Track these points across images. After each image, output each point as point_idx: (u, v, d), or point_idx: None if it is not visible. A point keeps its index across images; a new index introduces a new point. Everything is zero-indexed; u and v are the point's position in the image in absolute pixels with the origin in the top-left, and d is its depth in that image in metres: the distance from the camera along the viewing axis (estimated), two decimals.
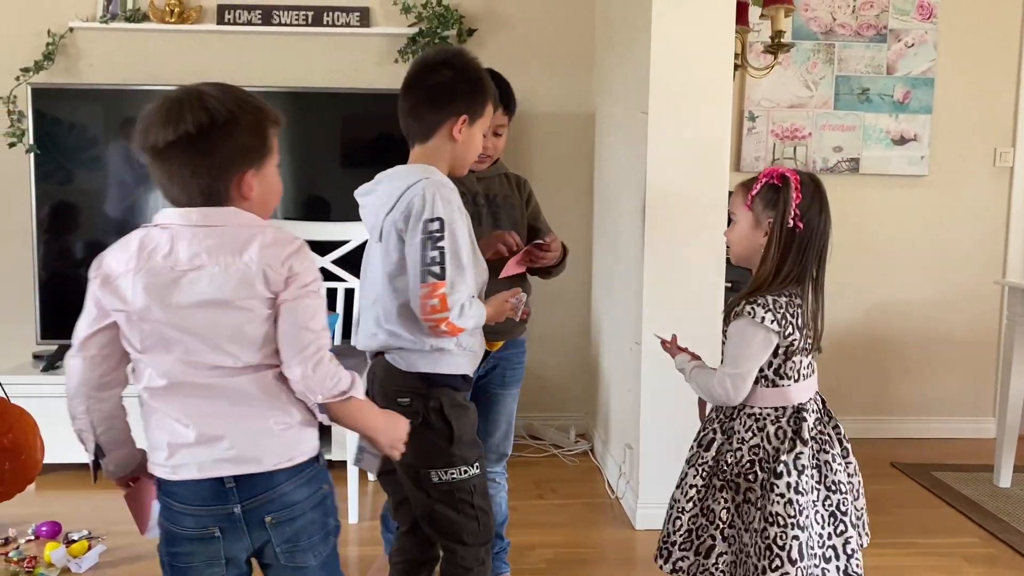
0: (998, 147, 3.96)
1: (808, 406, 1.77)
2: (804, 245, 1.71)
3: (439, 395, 1.75)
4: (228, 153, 1.32)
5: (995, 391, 4.00)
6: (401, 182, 1.70)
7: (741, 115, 3.84)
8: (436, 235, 1.63)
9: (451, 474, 1.76)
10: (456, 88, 1.73)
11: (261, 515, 1.36)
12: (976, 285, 3.98)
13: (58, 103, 3.43)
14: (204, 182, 1.32)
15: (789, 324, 1.71)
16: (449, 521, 1.80)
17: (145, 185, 3.47)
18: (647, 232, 2.78)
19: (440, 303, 1.63)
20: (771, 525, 1.69)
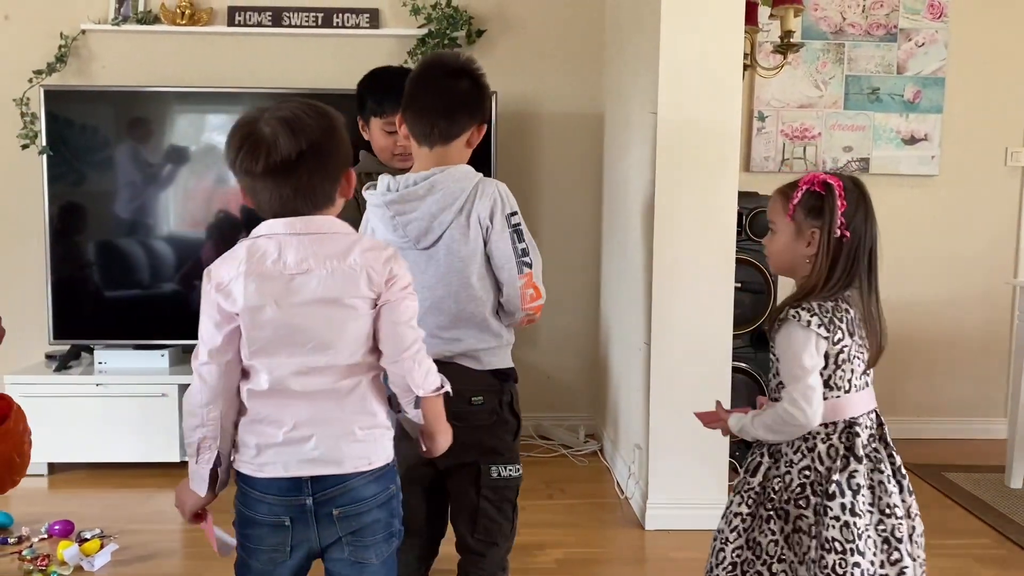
0: (1009, 147, 3.94)
1: (861, 420, 1.65)
2: (852, 253, 1.64)
3: (509, 389, 1.82)
4: (339, 159, 1.43)
5: (1007, 391, 3.98)
6: (464, 181, 1.74)
7: (750, 115, 3.84)
8: (519, 228, 1.73)
9: (509, 470, 1.81)
10: (478, 98, 1.81)
11: (330, 508, 1.42)
12: (987, 285, 3.96)
13: (70, 105, 3.45)
14: (328, 186, 1.43)
15: (838, 329, 1.62)
16: (489, 520, 1.82)
17: (155, 186, 3.49)
18: (656, 232, 2.78)
19: (535, 291, 1.74)
20: (828, 552, 1.57)
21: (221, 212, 3.52)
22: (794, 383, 1.61)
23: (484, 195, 1.72)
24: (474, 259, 1.72)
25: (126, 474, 3.37)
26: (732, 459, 3.09)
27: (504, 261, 1.72)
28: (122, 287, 3.53)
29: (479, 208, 1.71)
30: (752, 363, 3.36)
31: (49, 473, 3.39)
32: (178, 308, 3.49)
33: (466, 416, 1.75)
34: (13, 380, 3.30)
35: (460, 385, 1.72)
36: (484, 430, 1.76)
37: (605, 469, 3.53)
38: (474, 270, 1.73)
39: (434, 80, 1.78)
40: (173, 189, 3.52)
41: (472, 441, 1.76)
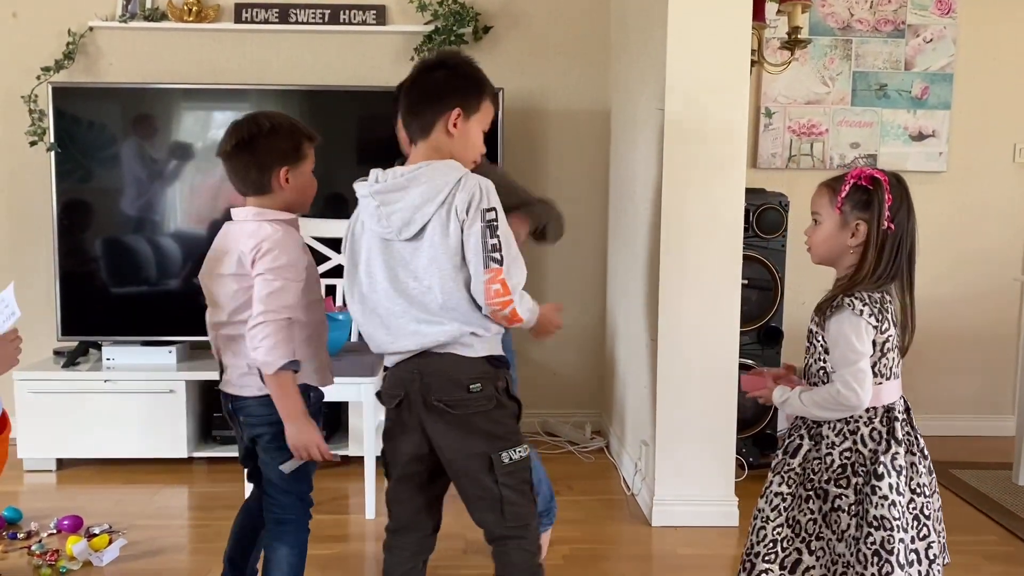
0: (1017, 143, 3.93)
1: (896, 405, 1.76)
2: (896, 245, 1.72)
3: (503, 375, 1.83)
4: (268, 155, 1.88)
5: (1014, 388, 3.97)
6: (448, 175, 1.75)
7: (758, 111, 3.83)
8: (493, 224, 1.73)
9: (519, 452, 1.82)
10: (449, 83, 1.82)
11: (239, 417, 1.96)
12: (995, 282, 3.95)
13: (78, 102, 3.46)
14: (255, 175, 1.89)
15: (885, 320, 1.71)
16: (515, 505, 1.83)
17: (162, 183, 3.50)
18: (663, 228, 2.78)
19: (502, 287, 1.72)
20: (876, 529, 1.66)
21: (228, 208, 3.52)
22: (848, 366, 1.69)
23: (465, 188, 1.73)
24: (456, 251, 1.75)
25: (134, 470, 3.39)
26: (739, 456, 3.09)
27: (472, 254, 1.73)
28: (130, 284, 3.54)
29: (458, 200, 1.73)
30: (759, 359, 3.36)
31: (57, 469, 3.40)
32: (186, 304, 3.50)
33: (464, 403, 1.78)
34: (21, 376, 3.31)
35: (458, 374, 1.79)
36: (484, 417, 1.78)
37: (611, 466, 3.53)
38: (457, 261, 1.75)
39: (411, 80, 1.86)
40: (180, 185, 3.53)
41: (475, 430, 1.79)
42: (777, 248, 3.36)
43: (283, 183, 1.89)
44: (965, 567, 2.58)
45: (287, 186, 1.90)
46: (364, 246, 1.84)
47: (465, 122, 1.82)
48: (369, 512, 2.94)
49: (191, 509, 3.07)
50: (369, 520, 2.92)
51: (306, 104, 3.56)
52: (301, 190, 1.94)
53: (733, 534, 2.83)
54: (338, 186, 3.56)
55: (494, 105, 1.90)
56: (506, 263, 1.73)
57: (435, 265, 1.75)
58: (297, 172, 1.91)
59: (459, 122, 1.80)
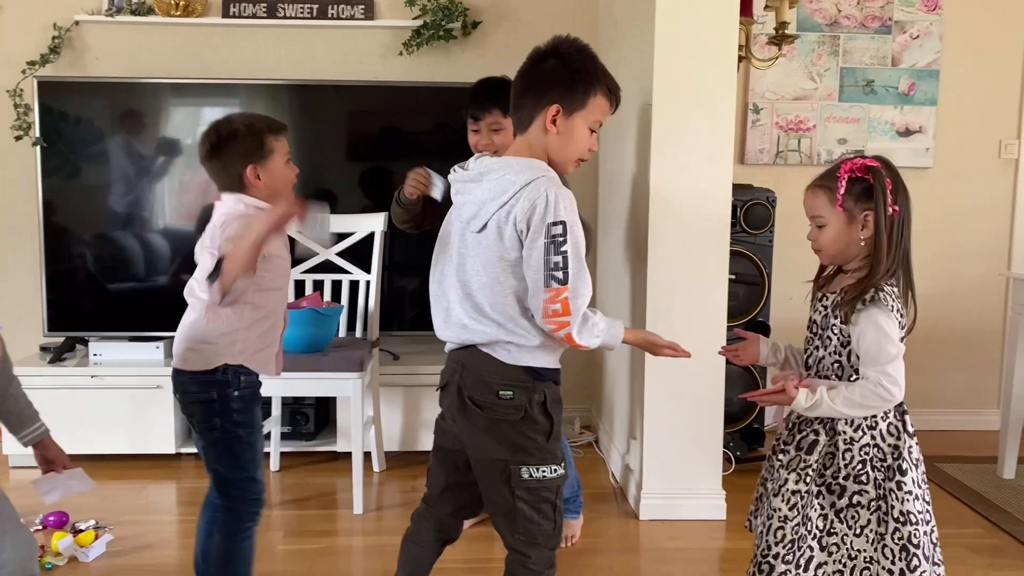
0: (1003, 139, 3.96)
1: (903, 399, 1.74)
2: (902, 226, 1.69)
3: (544, 389, 1.74)
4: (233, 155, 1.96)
5: (999, 383, 4.00)
6: (516, 177, 1.67)
7: (745, 107, 3.84)
8: (559, 239, 1.62)
9: (542, 471, 1.73)
10: (555, 77, 1.70)
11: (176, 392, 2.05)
12: (981, 277, 3.98)
13: (64, 96, 3.44)
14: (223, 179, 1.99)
15: (906, 315, 1.72)
16: (528, 521, 1.76)
17: (149, 178, 3.48)
18: (651, 224, 2.79)
19: (563, 308, 1.64)
20: (903, 524, 1.65)
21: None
22: (889, 361, 1.65)
23: (528, 196, 1.64)
24: (508, 256, 1.68)
25: (121, 465, 3.37)
26: (726, 450, 3.10)
27: (533, 270, 1.65)
28: (117, 279, 3.52)
29: (518, 208, 1.64)
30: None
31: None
32: (173, 300, 3.47)
33: (492, 407, 1.73)
34: None
35: (491, 376, 1.73)
36: (511, 426, 1.72)
37: (600, 460, 3.54)
38: (506, 267, 1.69)
39: (522, 69, 1.76)
40: (168, 181, 3.51)
41: (500, 436, 1.74)
42: (764, 243, 3.37)
43: (254, 180, 1.97)
44: (951, 560, 2.59)
45: (259, 182, 1.97)
46: (454, 230, 1.80)
47: (567, 119, 1.70)
48: (357, 507, 2.94)
49: (179, 504, 3.07)
50: (357, 515, 2.92)
51: (295, 99, 3.55)
52: (274, 182, 1.99)
53: (721, 527, 2.84)
54: (326, 181, 3.55)
55: (609, 101, 1.75)
56: (572, 282, 1.63)
57: (488, 265, 1.71)
58: (266, 167, 1.97)
59: (559, 119, 1.69)
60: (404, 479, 3.30)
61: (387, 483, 3.26)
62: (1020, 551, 2.68)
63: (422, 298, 2.49)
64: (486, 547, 2.66)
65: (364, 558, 2.62)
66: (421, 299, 3.72)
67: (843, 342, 1.72)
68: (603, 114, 1.75)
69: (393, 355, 3.56)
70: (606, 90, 1.74)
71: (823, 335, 1.76)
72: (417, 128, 3.54)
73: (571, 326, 1.65)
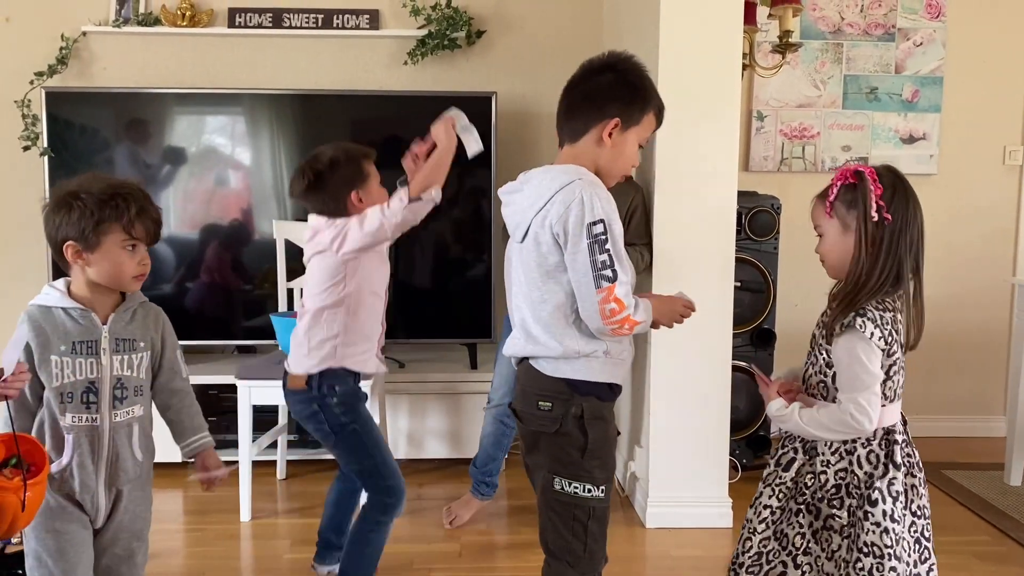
0: (1007, 145, 3.96)
1: (896, 427, 1.67)
2: (895, 237, 1.60)
3: (582, 402, 1.70)
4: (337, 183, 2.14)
5: (1005, 390, 3.99)
6: (552, 182, 1.67)
7: (749, 115, 3.85)
8: (602, 238, 1.61)
9: (574, 487, 1.70)
10: (614, 91, 1.72)
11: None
12: (986, 284, 3.98)
13: (71, 107, 3.46)
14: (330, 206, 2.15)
15: (896, 342, 1.62)
16: (557, 534, 1.74)
17: (155, 187, 3.50)
18: (656, 231, 2.80)
19: (618, 305, 1.62)
20: (865, 556, 1.60)
21: (222, 215, 3.53)
22: (861, 390, 1.59)
23: (562, 200, 1.63)
24: (545, 263, 1.68)
25: None
26: (732, 457, 3.10)
27: (580, 276, 1.63)
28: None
29: (552, 212, 1.64)
30: (752, 362, 3.37)
31: None
32: (179, 309, 3.50)
33: (531, 418, 1.74)
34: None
35: (532, 387, 1.73)
36: (547, 438, 1.71)
37: None
38: (543, 273, 1.68)
39: (575, 80, 1.77)
40: (173, 190, 3.53)
41: (541, 445, 1.75)
42: (769, 251, 3.37)
43: (357, 204, 2.14)
44: (957, 567, 2.59)
45: (361, 205, 2.14)
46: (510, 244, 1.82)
47: (622, 133, 1.72)
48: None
49: (185, 514, 3.07)
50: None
51: (299, 108, 3.56)
52: (375, 203, 2.13)
53: (727, 535, 2.84)
54: None
55: (657, 120, 1.79)
56: (619, 275, 1.62)
57: (529, 274, 1.71)
58: (367, 191, 2.16)
59: (615, 132, 1.71)
60: (410, 487, 3.28)
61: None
62: None
63: (428, 305, 2.51)
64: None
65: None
66: (427, 307, 3.73)
67: (828, 362, 1.67)
68: (651, 131, 1.79)
69: (399, 363, 3.57)
70: (656, 108, 1.77)
71: (813, 352, 1.72)
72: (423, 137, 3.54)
73: (627, 310, 1.63)
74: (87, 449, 1.66)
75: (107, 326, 1.69)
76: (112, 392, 1.68)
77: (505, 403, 2.80)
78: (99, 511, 1.70)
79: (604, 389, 1.73)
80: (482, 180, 3.48)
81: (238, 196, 3.55)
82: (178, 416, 1.83)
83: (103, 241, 1.65)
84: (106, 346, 1.67)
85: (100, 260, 1.65)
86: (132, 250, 1.68)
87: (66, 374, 1.64)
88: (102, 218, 1.63)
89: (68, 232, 1.64)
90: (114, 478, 1.70)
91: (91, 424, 1.66)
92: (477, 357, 3.54)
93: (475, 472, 2.93)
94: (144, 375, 1.74)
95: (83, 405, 1.65)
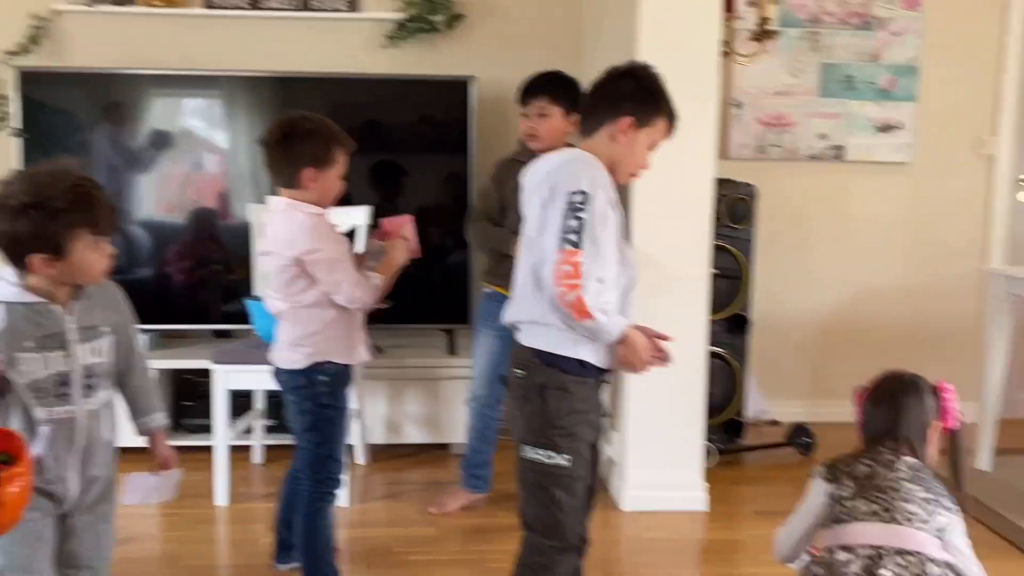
0: (981, 135, 4.00)
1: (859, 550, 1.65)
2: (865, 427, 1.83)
3: (547, 372, 1.77)
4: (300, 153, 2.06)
5: (975, 377, 4.05)
6: (557, 159, 1.80)
7: (727, 102, 3.87)
8: (578, 205, 1.68)
9: (538, 453, 1.79)
10: (631, 93, 1.83)
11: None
12: (958, 272, 4.03)
13: (44, 87, 3.41)
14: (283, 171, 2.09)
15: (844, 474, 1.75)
16: (529, 504, 1.84)
17: (130, 169, 3.46)
18: (634, 218, 2.81)
19: (574, 270, 1.66)
20: None
21: (198, 199, 3.51)
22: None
23: (559, 171, 1.74)
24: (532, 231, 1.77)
25: None
26: (708, 442, 3.13)
27: (548, 236, 1.70)
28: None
29: (547, 183, 1.75)
30: (728, 348, 3.40)
31: None
32: (157, 293, 3.48)
33: (511, 385, 1.85)
34: None
35: (513, 355, 1.85)
36: (520, 404, 1.81)
37: None
38: (530, 243, 1.78)
39: (596, 84, 1.89)
40: (149, 173, 3.49)
41: (514, 414, 1.86)
42: (746, 238, 3.40)
43: (308, 182, 2.06)
44: None
45: (312, 185, 2.07)
46: None
47: (634, 132, 1.82)
48: (342, 500, 2.92)
49: None
50: (342, 508, 2.91)
51: (277, 91, 3.54)
52: (324, 191, 2.10)
53: (701, 519, 2.87)
54: None
55: (669, 128, 1.89)
56: (586, 249, 1.67)
57: (524, 247, 1.81)
58: (324, 174, 2.08)
59: (629, 130, 1.81)
60: (388, 472, 3.31)
61: (371, 476, 3.27)
62: (997, 542, 2.73)
63: (406, 291, 2.50)
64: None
65: (350, 550, 2.63)
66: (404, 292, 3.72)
67: None
68: (662, 136, 1.88)
69: (377, 348, 3.56)
70: (668, 115, 1.88)
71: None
72: (401, 121, 3.53)
73: (581, 289, 1.66)
74: (62, 441, 1.63)
75: (71, 316, 1.63)
76: (83, 381, 1.65)
77: (484, 394, 2.82)
78: (70, 498, 1.67)
79: (573, 364, 1.77)
80: (460, 165, 3.48)
81: (214, 180, 3.52)
82: (134, 395, 1.82)
83: (73, 248, 1.57)
84: (73, 337, 1.63)
85: (69, 266, 1.58)
86: (99, 248, 1.62)
87: (35, 369, 1.58)
88: (70, 224, 1.55)
89: (32, 245, 1.53)
90: (88, 465, 1.68)
91: (67, 416, 1.63)
92: (455, 342, 3.55)
93: (464, 465, 2.93)
94: (109, 358, 1.71)
95: (56, 397, 1.61)
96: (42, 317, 1.60)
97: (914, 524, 1.64)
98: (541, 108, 2.69)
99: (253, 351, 2.87)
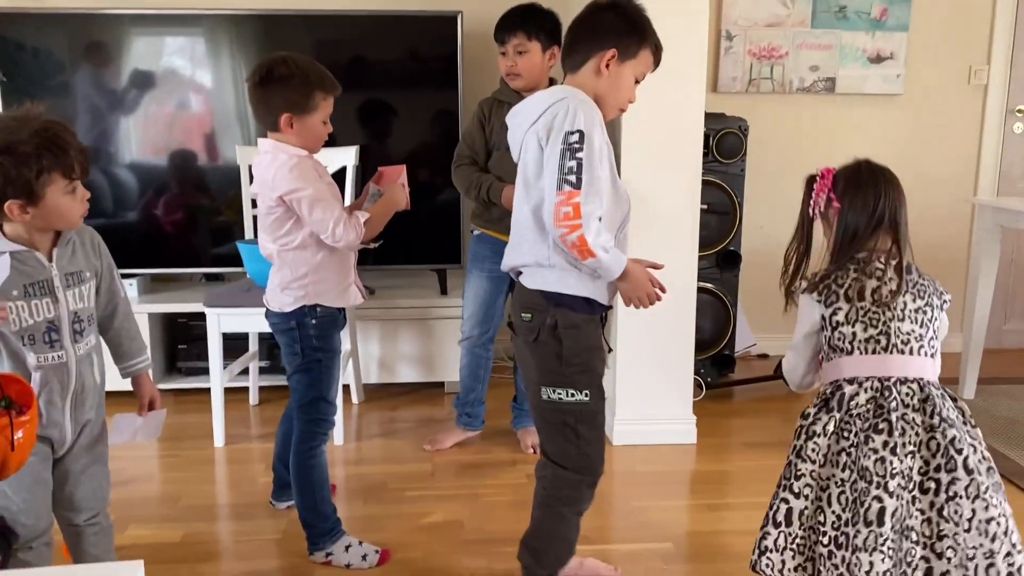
0: (973, 64, 3.97)
1: (859, 379, 1.67)
2: (843, 217, 1.83)
3: (556, 313, 1.79)
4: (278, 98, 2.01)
5: (963, 307, 4.09)
6: (546, 99, 1.77)
7: (718, 34, 3.81)
8: (575, 146, 1.69)
9: (558, 393, 1.82)
10: (613, 25, 1.80)
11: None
12: (949, 203, 4.03)
13: (23, 28, 3.34)
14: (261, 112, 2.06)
15: (833, 294, 1.72)
16: (552, 442, 1.88)
17: (113, 112, 3.41)
18: (623, 153, 2.79)
19: (574, 211, 1.68)
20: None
21: (184, 140, 3.47)
22: (792, 346, 1.81)
23: (552, 111, 1.73)
24: (528, 174, 1.78)
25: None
26: (697, 376, 3.17)
27: (548, 177, 1.70)
28: (85, 217, 3.47)
29: (541, 122, 1.74)
30: (718, 283, 3.42)
31: None
32: (145, 237, 3.46)
33: (518, 329, 1.86)
34: None
35: (518, 299, 1.87)
36: (531, 347, 1.83)
37: None
38: (528, 186, 1.78)
39: (579, 17, 1.86)
40: (132, 115, 3.44)
41: (525, 358, 1.88)
42: (736, 173, 3.39)
43: (287, 128, 2.02)
44: None
45: (291, 131, 2.03)
46: None
47: (619, 65, 1.80)
48: (338, 438, 2.99)
49: (160, 440, 3.07)
50: (338, 446, 2.97)
51: (260, 29, 3.47)
52: (306, 137, 2.06)
53: (691, 451, 2.92)
54: None
55: (654, 59, 1.86)
56: (584, 188, 1.68)
57: (519, 190, 1.81)
58: (303, 121, 2.03)
59: (612, 63, 1.79)
60: (383, 410, 3.35)
61: (366, 414, 3.31)
62: None
63: (396, 232, 2.50)
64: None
65: (346, 487, 2.68)
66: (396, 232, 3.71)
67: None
68: (647, 68, 1.86)
69: (369, 289, 3.57)
70: (653, 47, 1.85)
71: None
72: (387, 58, 3.48)
73: (583, 229, 1.68)
74: (56, 386, 1.66)
75: (54, 263, 1.65)
76: (72, 327, 1.67)
77: (475, 334, 2.84)
78: (64, 442, 1.71)
79: (580, 302, 1.81)
80: (449, 102, 3.44)
81: (200, 121, 3.48)
82: (118, 337, 1.85)
83: (46, 193, 1.57)
84: (58, 284, 1.65)
85: (44, 211, 1.59)
86: (74, 192, 1.63)
87: (23, 318, 1.60)
88: (41, 168, 1.54)
89: (4, 191, 1.54)
90: (80, 409, 1.71)
91: (59, 362, 1.66)
92: (447, 283, 3.56)
93: (457, 404, 2.98)
94: (93, 303, 1.74)
95: (47, 344, 1.63)
96: (26, 265, 1.62)
97: (912, 347, 1.71)
98: (518, 45, 2.64)
99: (246, 294, 2.88)
